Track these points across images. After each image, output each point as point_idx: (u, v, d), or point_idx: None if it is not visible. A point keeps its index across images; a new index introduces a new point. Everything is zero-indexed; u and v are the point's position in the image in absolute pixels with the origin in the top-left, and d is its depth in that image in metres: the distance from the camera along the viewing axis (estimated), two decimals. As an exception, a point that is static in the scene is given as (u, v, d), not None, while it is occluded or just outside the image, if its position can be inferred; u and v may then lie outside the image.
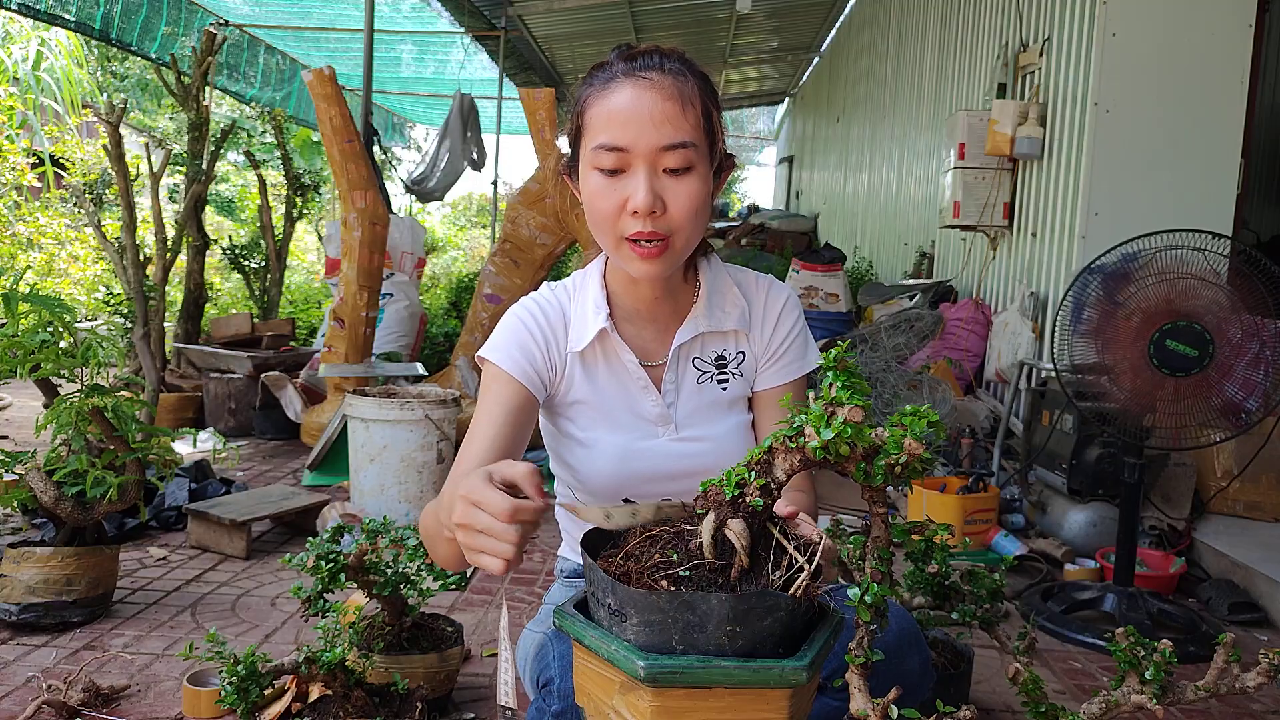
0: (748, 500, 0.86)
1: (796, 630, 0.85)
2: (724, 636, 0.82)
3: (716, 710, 0.82)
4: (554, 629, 1.17)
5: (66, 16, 6.74)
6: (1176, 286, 2.40)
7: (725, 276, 1.34)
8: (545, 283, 1.37)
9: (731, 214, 13.08)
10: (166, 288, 4.99)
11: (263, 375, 4.81)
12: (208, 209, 6.27)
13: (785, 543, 0.88)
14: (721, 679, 0.81)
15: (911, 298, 5.45)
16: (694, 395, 1.31)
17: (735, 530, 0.85)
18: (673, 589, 0.83)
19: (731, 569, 0.85)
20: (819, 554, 0.87)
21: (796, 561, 0.86)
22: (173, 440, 2.48)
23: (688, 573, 0.84)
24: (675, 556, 0.86)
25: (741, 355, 1.32)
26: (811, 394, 0.87)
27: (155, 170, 4.65)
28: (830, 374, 0.85)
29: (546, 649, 1.15)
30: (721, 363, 1.32)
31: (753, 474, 0.86)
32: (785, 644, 0.84)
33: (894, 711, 0.84)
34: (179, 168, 5.48)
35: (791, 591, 0.84)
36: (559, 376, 1.30)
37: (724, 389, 1.31)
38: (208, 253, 5.64)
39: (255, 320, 5.88)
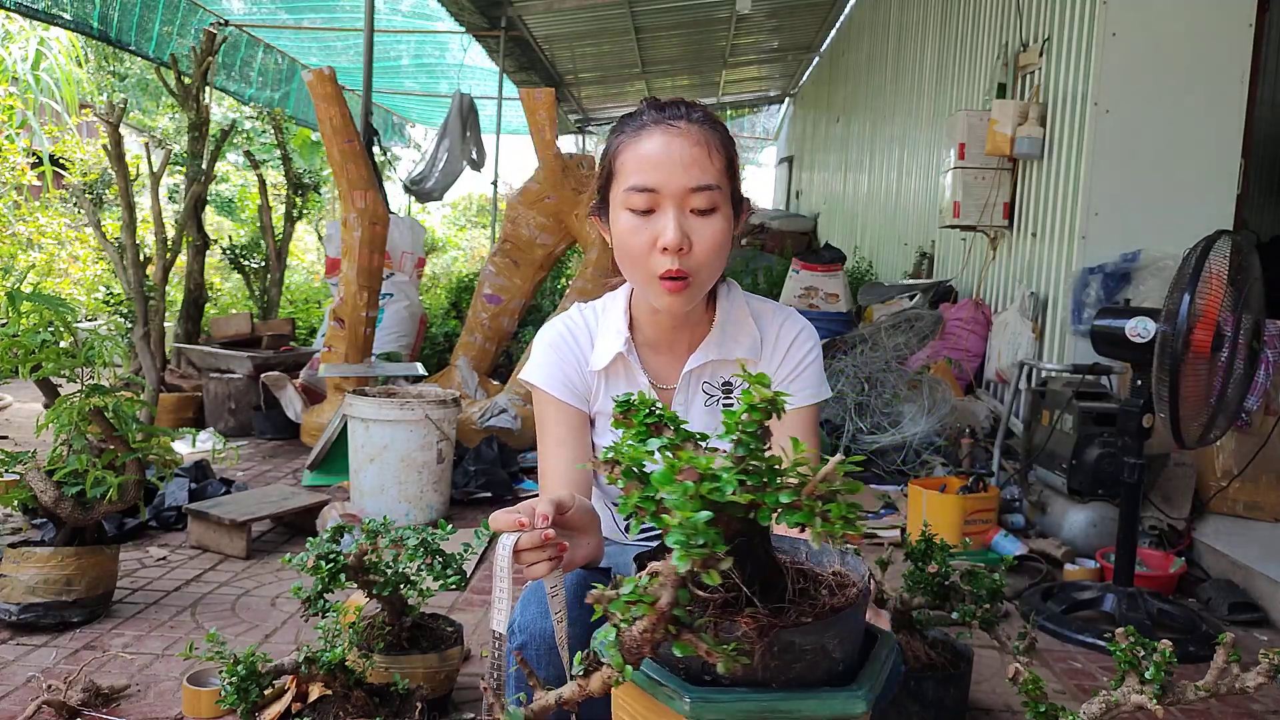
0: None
1: None
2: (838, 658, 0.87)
3: None
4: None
5: (64, 16, 6.72)
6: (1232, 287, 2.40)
7: (743, 306, 1.41)
8: (576, 304, 1.47)
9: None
10: (166, 288, 4.98)
11: (263, 375, 4.81)
12: (208, 209, 6.27)
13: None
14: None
15: (911, 298, 5.45)
16: (702, 417, 1.39)
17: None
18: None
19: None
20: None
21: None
22: (173, 440, 2.48)
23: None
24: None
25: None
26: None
27: (155, 170, 4.65)
28: None
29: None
30: (728, 388, 1.39)
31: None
32: None
33: None
34: (179, 168, 5.47)
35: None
36: (590, 390, 1.41)
37: None
38: (208, 253, 5.63)
39: (255, 320, 5.88)
